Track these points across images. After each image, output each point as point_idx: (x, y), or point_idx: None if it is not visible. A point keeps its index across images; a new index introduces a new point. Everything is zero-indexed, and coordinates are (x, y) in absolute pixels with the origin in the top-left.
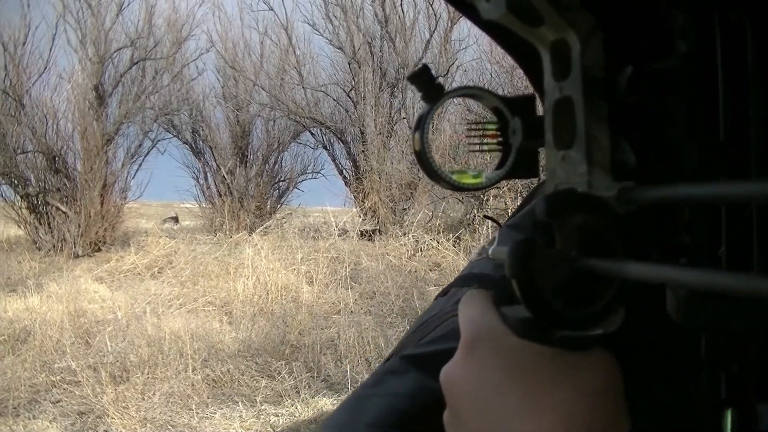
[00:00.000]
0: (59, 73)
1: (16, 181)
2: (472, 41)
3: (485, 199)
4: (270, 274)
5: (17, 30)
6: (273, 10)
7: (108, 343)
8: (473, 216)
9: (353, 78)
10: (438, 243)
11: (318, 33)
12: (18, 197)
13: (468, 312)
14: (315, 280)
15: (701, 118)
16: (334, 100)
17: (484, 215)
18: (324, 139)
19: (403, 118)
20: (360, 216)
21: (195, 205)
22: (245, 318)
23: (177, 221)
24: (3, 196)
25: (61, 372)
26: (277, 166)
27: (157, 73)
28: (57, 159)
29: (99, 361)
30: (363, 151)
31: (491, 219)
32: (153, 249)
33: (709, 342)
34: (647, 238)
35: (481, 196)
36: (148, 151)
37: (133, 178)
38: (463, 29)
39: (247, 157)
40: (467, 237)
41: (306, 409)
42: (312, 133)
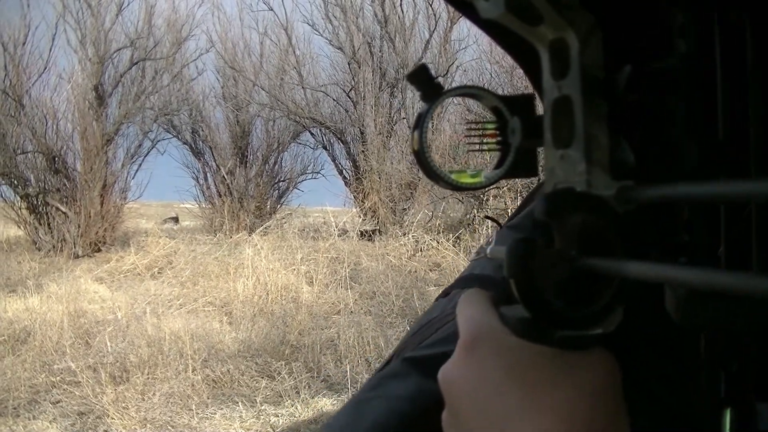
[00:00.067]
0: (59, 73)
1: (15, 182)
2: (471, 41)
3: (485, 199)
4: (270, 274)
5: (17, 30)
6: (273, 10)
7: (108, 344)
8: (473, 216)
9: (353, 78)
10: (438, 243)
11: (318, 33)
12: (18, 197)
13: (467, 312)
14: (315, 280)
15: (700, 117)
16: (333, 100)
17: (484, 216)
18: (324, 139)
19: (403, 118)
20: (360, 216)
21: (195, 206)
22: (245, 318)
23: (177, 221)
24: (3, 196)
25: (61, 372)
26: (277, 166)
27: (157, 74)
28: (57, 159)
29: (99, 362)
30: (363, 151)
31: (492, 219)
32: (153, 249)
33: (709, 341)
34: (646, 237)
35: (481, 196)
36: (147, 152)
37: (133, 178)
38: (463, 29)
39: (247, 158)
40: (467, 237)
41: (306, 410)
42: (312, 133)
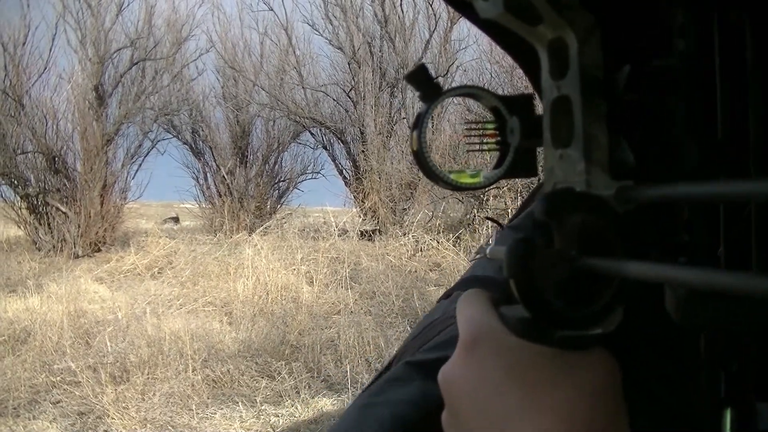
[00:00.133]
0: (59, 74)
1: (16, 182)
2: (471, 41)
3: (485, 199)
4: (270, 274)
5: (17, 30)
6: (273, 10)
7: (108, 344)
8: (473, 216)
9: (353, 78)
10: (438, 243)
11: (318, 33)
12: (18, 197)
13: (467, 312)
14: (315, 280)
15: (700, 116)
16: (333, 100)
17: (486, 217)
18: (324, 139)
19: (403, 118)
20: (360, 216)
21: (195, 206)
22: (245, 318)
23: (178, 221)
24: (3, 196)
25: (61, 372)
26: (277, 166)
27: (157, 74)
28: (57, 159)
29: (99, 362)
30: (363, 151)
31: (493, 221)
32: (153, 249)
33: (709, 341)
34: (646, 237)
35: (481, 196)
36: (147, 152)
37: (133, 178)
38: (463, 29)
39: (247, 158)
40: (467, 237)
41: (306, 410)
42: (312, 133)
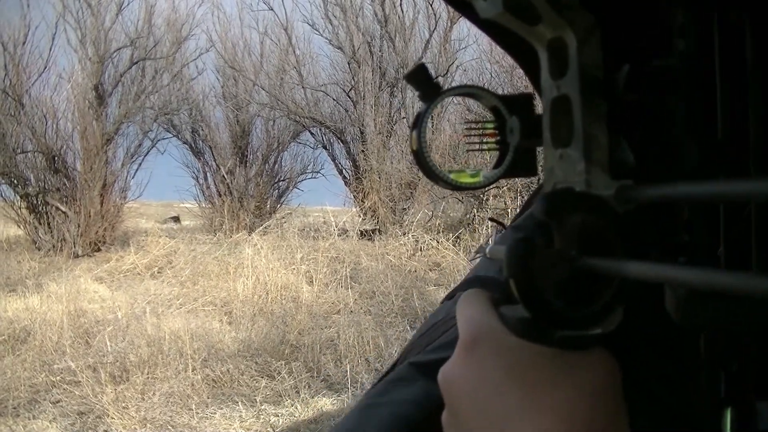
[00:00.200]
0: (59, 73)
1: (15, 181)
2: (471, 41)
3: (485, 199)
4: (270, 273)
5: (17, 30)
6: (273, 10)
7: (108, 343)
8: (473, 216)
9: (353, 78)
10: (438, 243)
11: (317, 33)
12: (18, 197)
13: (467, 312)
14: (315, 279)
15: (700, 116)
16: (333, 99)
17: (489, 218)
18: (324, 139)
19: (403, 117)
20: (360, 216)
21: (195, 205)
22: (245, 318)
23: (178, 221)
24: (3, 196)
25: (61, 372)
26: (277, 165)
27: (157, 73)
28: (57, 159)
29: (99, 361)
30: (363, 151)
31: (496, 221)
32: (153, 249)
33: (709, 341)
34: (646, 237)
35: (481, 195)
36: (147, 151)
37: (133, 177)
38: (463, 29)
39: (247, 157)
40: (467, 237)
41: (306, 409)
42: (312, 133)
